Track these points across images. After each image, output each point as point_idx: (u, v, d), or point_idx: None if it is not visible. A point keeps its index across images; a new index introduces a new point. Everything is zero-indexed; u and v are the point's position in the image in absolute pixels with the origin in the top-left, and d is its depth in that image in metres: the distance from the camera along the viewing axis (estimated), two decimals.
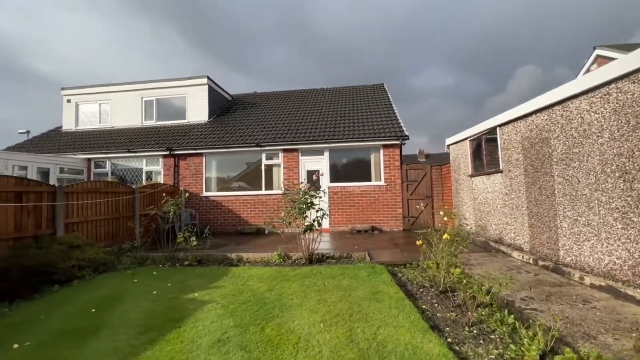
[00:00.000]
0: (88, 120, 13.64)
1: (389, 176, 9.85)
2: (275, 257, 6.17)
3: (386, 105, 12.32)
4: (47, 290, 4.83)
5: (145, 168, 11.01)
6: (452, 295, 3.99)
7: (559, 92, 4.12)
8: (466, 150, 7.47)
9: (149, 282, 5.04)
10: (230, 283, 4.80)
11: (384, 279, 4.65)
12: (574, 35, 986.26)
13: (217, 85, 13.72)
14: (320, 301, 3.91)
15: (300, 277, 4.96)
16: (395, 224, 9.72)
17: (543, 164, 4.55)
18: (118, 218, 7.71)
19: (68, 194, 6.39)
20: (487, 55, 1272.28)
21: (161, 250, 6.80)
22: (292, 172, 10.25)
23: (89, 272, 5.52)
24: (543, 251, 4.64)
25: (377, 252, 6.28)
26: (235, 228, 10.18)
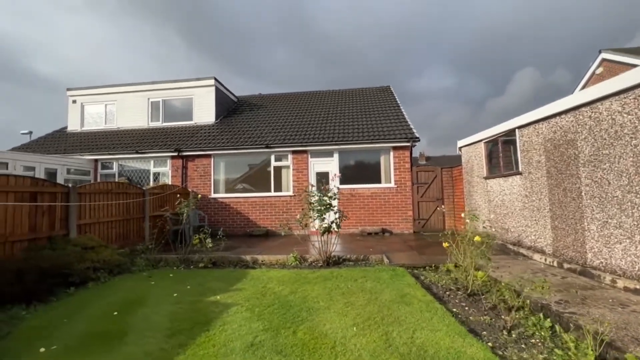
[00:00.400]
0: (94, 121, 13.55)
1: (399, 178, 9.80)
2: (291, 260, 6.10)
3: (394, 107, 12.30)
4: (63, 293, 4.74)
5: (152, 169, 10.92)
6: (481, 299, 3.93)
7: (587, 94, 4.09)
8: (480, 152, 7.44)
9: (167, 284, 4.96)
10: (250, 286, 4.73)
11: (408, 282, 4.59)
12: (572, 38, 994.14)
13: (223, 87, 13.68)
14: (348, 304, 3.85)
15: (321, 279, 4.89)
16: (406, 227, 9.66)
17: (568, 166, 4.52)
18: (129, 220, 7.62)
19: (81, 194, 6.31)
20: (486, 58, 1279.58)
21: (174, 252, 6.73)
22: (301, 173, 10.20)
23: (104, 274, 5.43)
24: (568, 254, 4.59)
25: (394, 255, 6.22)
26: (243, 230, 10.10)
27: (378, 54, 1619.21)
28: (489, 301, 3.76)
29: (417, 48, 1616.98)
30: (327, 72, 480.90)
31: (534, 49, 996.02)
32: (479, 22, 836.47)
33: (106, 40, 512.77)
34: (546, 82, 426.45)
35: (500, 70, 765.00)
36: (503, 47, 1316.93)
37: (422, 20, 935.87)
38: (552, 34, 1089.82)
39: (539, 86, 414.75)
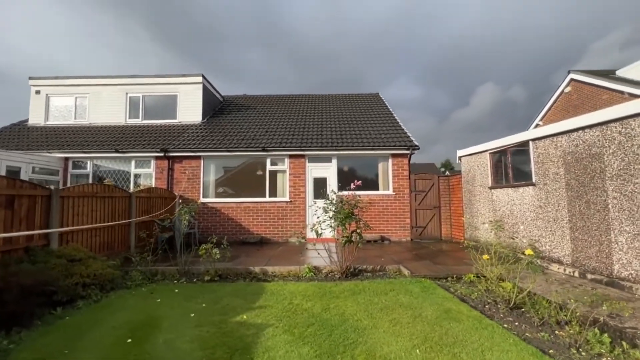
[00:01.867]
0: (61, 114, 12.19)
1: (398, 185, 9.78)
2: (305, 271, 5.73)
3: (388, 115, 12.36)
4: (48, 315, 4.03)
5: (133, 170, 9.97)
6: (524, 312, 3.85)
7: (618, 110, 4.24)
8: (485, 162, 7.59)
9: (177, 302, 4.39)
10: (274, 302, 4.31)
11: (443, 295, 4.43)
12: (526, 59, 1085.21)
13: (210, 85, 12.97)
14: (394, 322, 3.59)
15: (349, 293, 4.60)
16: (403, 234, 9.63)
17: (592, 179, 4.65)
18: (114, 226, 6.81)
19: (64, 198, 5.50)
20: (452, 72, 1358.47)
21: (170, 263, 6.07)
22: (298, 178, 9.83)
23: (95, 290, 4.73)
24: (590, 264, 4.71)
25: (408, 265, 6.07)
26: (235, 237, 9.49)
27: (351, 62, 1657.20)
28: (533, 315, 3.68)
29: (387, 59, 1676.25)
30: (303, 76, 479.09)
31: (494, 66, 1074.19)
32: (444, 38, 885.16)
33: (65, 30, 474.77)
34: (505, 97, 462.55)
35: (464, 84, 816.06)
36: (466, 63, 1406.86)
37: (391, 35, 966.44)
38: (509, 53, 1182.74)
39: (499, 100, 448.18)
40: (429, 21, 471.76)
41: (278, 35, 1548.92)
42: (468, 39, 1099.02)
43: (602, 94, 13.86)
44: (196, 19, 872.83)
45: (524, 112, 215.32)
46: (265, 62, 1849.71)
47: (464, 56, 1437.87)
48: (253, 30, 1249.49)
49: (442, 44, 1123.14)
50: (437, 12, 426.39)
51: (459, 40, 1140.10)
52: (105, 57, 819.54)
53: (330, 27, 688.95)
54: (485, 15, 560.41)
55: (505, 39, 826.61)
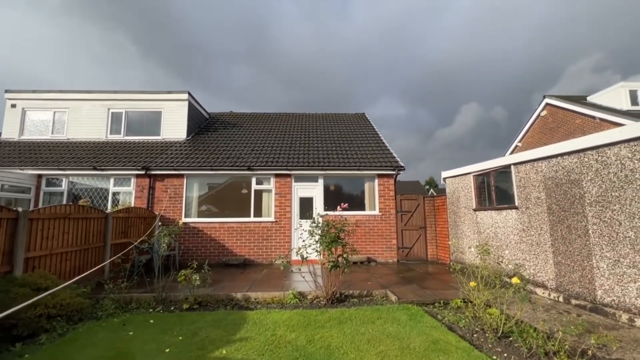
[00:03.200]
0: (37, 129, 11.73)
1: (384, 206, 9.78)
2: (290, 297, 5.52)
3: (374, 135, 12.52)
4: (5, 352, 3.68)
5: (112, 189, 9.58)
6: (511, 341, 3.79)
7: (593, 139, 4.40)
8: (469, 184, 7.71)
9: (151, 335, 4.09)
10: (256, 333, 4.09)
11: (430, 324, 4.33)
12: (507, 81, 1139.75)
13: (196, 102, 12.86)
14: (381, 355, 3.45)
15: (335, 322, 4.42)
16: (390, 255, 9.55)
17: (573, 204, 4.76)
18: (87, 249, 6.43)
19: (32, 220, 5.16)
20: (435, 91, 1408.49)
21: (146, 289, 5.74)
22: (284, 198, 9.69)
23: (61, 322, 4.39)
24: (574, 289, 4.74)
25: (396, 289, 5.96)
26: (218, 259, 9.16)
27: (337, 81, 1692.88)
28: (521, 345, 3.62)
29: (372, 78, 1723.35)
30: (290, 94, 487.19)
31: (477, 87, 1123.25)
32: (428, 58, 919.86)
33: (47, 41, 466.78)
34: (487, 117, 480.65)
35: (448, 104, 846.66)
36: (449, 83, 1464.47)
37: (376, 55, 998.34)
38: (491, 75, 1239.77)
39: (481, 120, 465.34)
40: (414, 42, 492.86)
41: (265, 53, 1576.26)
42: (451, 59, 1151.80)
43: (575, 119, 14.58)
44: (184, 34, 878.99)
45: (505, 131, 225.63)
46: (252, 79, 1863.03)
47: (447, 77, 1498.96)
48: (240, 47, 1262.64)
49: (425, 63, 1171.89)
50: (420, 33, 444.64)
51: (442, 60, 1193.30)
52: (90, 70, 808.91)
53: (316, 46, 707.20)
54: (466, 39, 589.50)
55: (486, 61, 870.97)
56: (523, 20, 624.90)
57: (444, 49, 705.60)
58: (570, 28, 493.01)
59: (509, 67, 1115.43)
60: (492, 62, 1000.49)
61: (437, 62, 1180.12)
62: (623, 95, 13.99)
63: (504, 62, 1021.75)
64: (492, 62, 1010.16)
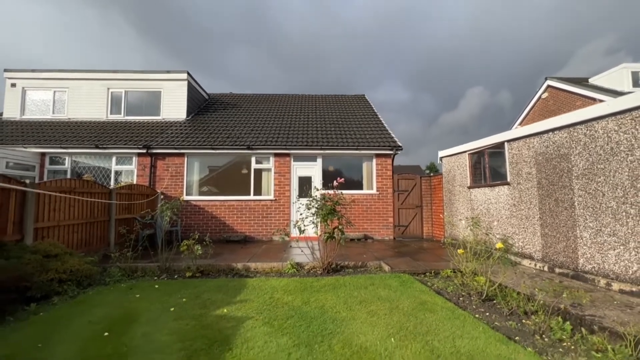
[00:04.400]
0: (38, 109, 11.80)
1: (381, 185, 9.96)
2: (288, 267, 5.79)
3: (373, 116, 12.56)
4: (21, 311, 3.94)
5: (114, 167, 9.77)
6: (495, 304, 4.04)
7: (582, 113, 4.51)
8: (464, 163, 7.85)
9: (156, 297, 4.36)
10: (255, 296, 4.35)
11: (419, 288, 4.58)
12: (514, 64, 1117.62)
13: (195, 82, 12.84)
14: (371, 313, 3.70)
15: (330, 288, 4.68)
16: (386, 233, 9.81)
17: (561, 178, 4.92)
18: (92, 223, 6.67)
19: (39, 193, 5.36)
20: (440, 75, 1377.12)
21: (151, 259, 6.00)
22: (283, 177, 9.87)
23: (72, 286, 4.65)
24: (558, 259, 4.97)
25: (390, 261, 6.22)
26: (219, 235, 9.44)
27: (339, 63, 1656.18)
28: (503, 306, 3.86)
29: (375, 61, 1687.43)
30: (291, 77, 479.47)
31: (483, 70, 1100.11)
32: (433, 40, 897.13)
33: (43, 23, 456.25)
34: (493, 101, 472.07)
35: (452, 88, 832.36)
36: (454, 67, 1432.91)
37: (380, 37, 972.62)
38: (498, 58, 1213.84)
39: (487, 104, 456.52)
40: (418, 22, 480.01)
41: (265, 33, 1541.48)
42: (457, 40, 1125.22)
43: (576, 101, 14.52)
44: (182, 15, 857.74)
45: (510, 116, 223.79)
46: (252, 61, 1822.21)
47: (452, 60, 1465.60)
48: (240, 28, 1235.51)
49: (430, 45, 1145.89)
50: (426, 14, 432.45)
51: (448, 42, 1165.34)
52: (87, 52, 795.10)
53: (318, 28, 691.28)
54: (472, 21, 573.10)
55: (493, 43, 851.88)
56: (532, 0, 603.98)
57: (450, 31, 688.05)
58: (583, 7, 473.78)
59: (516, 50, 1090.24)
60: (500, 45, 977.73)
61: (442, 45, 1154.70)
62: (625, 76, 13.88)
63: (512, 44, 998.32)
64: (499, 45, 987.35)
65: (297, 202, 9.49)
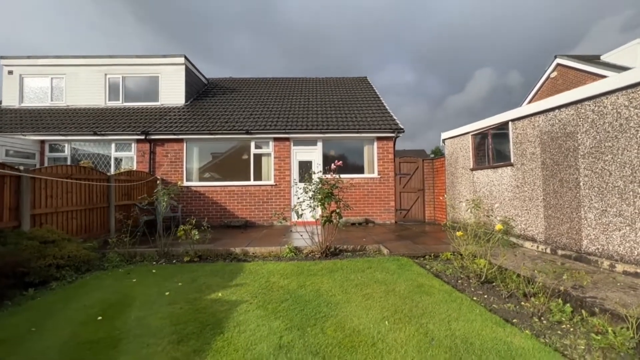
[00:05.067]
0: (36, 96, 11.72)
1: (383, 169, 9.80)
2: (286, 251, 5.76)
3: (374, 98, 12.26)
4: (19, 296, 3.97)
5: (114, 154, 9.73)
6: (494, 286, 3.96)
7: (591, 88, 4.27)
8: (467, 144, 7.64)
9: (153, 281, 4.37)
10: (252, 280, 4.33)
11: (417, 272, 4.52)
12: (525, 44, 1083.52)
13: (193, 66, 12.59)
14: (366, 297, 3.65)
15: (326, 271, 4.64)
16: (388, 217, 9.73)
17: (566, 157, 4.73)
18: (91, 209, 6.67)
19: (35, 179, 5.33)
20: (446, 56, 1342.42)
21: (150, 245, 6.01)
22: (283, 162, 9.76)
23: (70, 271, 4.67)
24: (561, 241, 4.84)
25: (390, 245, 6.15)
26: (220, 221, 9.45)
27: (341, 47, 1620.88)
28: (502, 288, 3.78)
29: (380, 44, 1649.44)
30: (293, 62, 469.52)
31: (491, 50, 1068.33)
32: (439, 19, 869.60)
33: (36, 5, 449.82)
34: (501, 82, 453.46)
35: (459, 69, 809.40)
36: (462, 47, 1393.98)
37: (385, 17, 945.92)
38: (508, 37, 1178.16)
39: (495, 85, 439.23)
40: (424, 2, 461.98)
41: (266, 18, 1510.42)
42: (466, 18, 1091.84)
43: (586, 79, 13.98)
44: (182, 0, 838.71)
45: (519, 97, 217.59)
46: (253, 47, 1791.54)
47: (459, 40, 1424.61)
48: (240, 13, 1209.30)
49: (437, 26, 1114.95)
50: None
51: (457, 19, 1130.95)
52: (87, 41, 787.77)
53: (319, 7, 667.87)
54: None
55: (502, 21, 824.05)
56: None
57: (457, 9, 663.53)
58: None
59: (527, 28, 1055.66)
60: (509, 23, 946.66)
61: (449, 25, 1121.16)
62: (639, 53, 13.26)
63: (522, 21, 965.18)
64: (509, 23, 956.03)
65: (296, 186, 9.42)
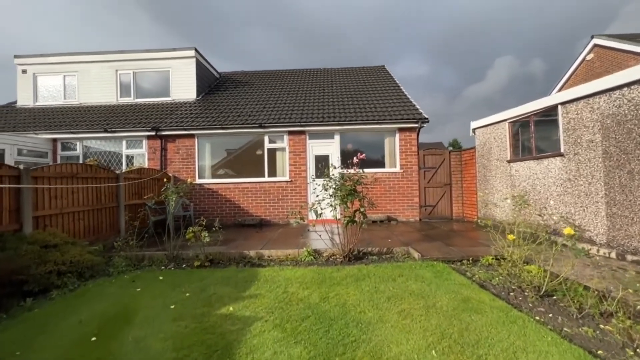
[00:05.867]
0: (50, 95, 11.62)
1: (405, 162, 9.11)
2: (305, 254, 5.23)
3: (394, 87, 11.49)
4: (16, 307, 3.61)
5: (125, 151, 9.46)
6: (556, 301, 3.29)
7: None
8: (502, 133, 6.85)
9: (159, 291, 3.93)
10: (267, 290, 3.82)
11: (458, 281, 3.88)
12: (548, 29, 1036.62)
13: (204, 60, 12.18)
14: (403, 314, 3.06)
15: (352, 280, 4.07)
16: (412, 214, 9.05)
17: (639, 145, 3.95)
18: (100, 209, 6.35)
19: (37, 179, 5.00)
20: (467, 44, 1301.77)
21: (159, 247, 5.62)
22: (298, 157, 9.22)
23: (72, 278, 4.31)
24: (631, 244, 4.09)
25: (419, 246, 5.52)
26: (233, 219, 9.04)
27: (356, 39, 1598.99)
28: (570, 304, 3.10)
29: (394, 34, 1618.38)
30: (306, 56, 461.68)
31: (512, 37, 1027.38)
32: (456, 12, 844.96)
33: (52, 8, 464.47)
34: (523, 71, 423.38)
35: (477, 59, 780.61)
36: (480, 36, 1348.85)
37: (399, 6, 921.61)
38: (530, 22, 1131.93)
39: (515, 74, 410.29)
40: None
41: (279, 12, 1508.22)
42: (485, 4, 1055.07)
43: (629, 60, 12.68)
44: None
45: (542, 86, 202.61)
46: (266, 42, 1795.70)
47: (477, 27, 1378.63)
48: (253, 8, 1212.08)
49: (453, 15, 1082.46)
50: None
51: (477, 5, 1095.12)
52: (100, 39, 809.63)
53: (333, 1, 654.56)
54: None
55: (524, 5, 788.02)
56: None
57: None
58: None
59: (551, 11, 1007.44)
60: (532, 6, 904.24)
61: (469, 10, 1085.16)
62: None
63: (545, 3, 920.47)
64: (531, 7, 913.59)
65: (313, 182, 8.87)
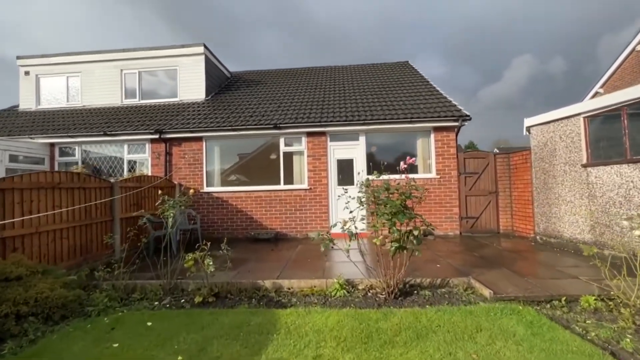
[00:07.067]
0: (53, 97, 10.93)
1: (442, 167, 7.86)
2: (335, 287, 4.07)
3: (423, 83, 10.27)
4: None
5: (127, 156, 8.58)
6: None
7: None
8: (574, 131, 5.55)
9: (142, 348, 2.83)
10: (290, 353, 2.67)
11: (570, 343, 2.63)
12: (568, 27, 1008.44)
13: (214, 57, 11.27)
14: None
15: (410, 336, 2.87)
16: (450, 227, 7.78)
17: None
18: (89, 225, 5.40)
19: (5, 191, 4.05)
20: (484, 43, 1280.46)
21: (155, 272, 4.53)
22: (318, 161, 8.11)
23: (36, 323, 3.30)
24: None
25: (480, 276, 4.28)
26: (245, 232, 8.00)
27: (370, 40, 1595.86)
28: None
29: (406, 36, 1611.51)
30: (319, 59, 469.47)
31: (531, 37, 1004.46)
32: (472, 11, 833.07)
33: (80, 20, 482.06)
34: (542, 70, 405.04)
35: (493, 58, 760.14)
36: (497, 35, 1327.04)
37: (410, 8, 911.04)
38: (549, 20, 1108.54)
39: (535, 74, 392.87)
40: None
41: (293, 16, 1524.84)
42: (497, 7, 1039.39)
43: None
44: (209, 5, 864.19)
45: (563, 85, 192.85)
46: (279, 45, 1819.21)
47: (492, 28, 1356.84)
48: (267, 12, 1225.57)
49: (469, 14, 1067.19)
50: None
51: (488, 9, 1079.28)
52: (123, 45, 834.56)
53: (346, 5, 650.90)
54: None
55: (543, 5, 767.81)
56: None
57: None
58: None
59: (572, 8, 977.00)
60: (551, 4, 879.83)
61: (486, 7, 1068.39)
62: None
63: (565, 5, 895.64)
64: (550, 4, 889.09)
65: (340, 193, 7.73)
